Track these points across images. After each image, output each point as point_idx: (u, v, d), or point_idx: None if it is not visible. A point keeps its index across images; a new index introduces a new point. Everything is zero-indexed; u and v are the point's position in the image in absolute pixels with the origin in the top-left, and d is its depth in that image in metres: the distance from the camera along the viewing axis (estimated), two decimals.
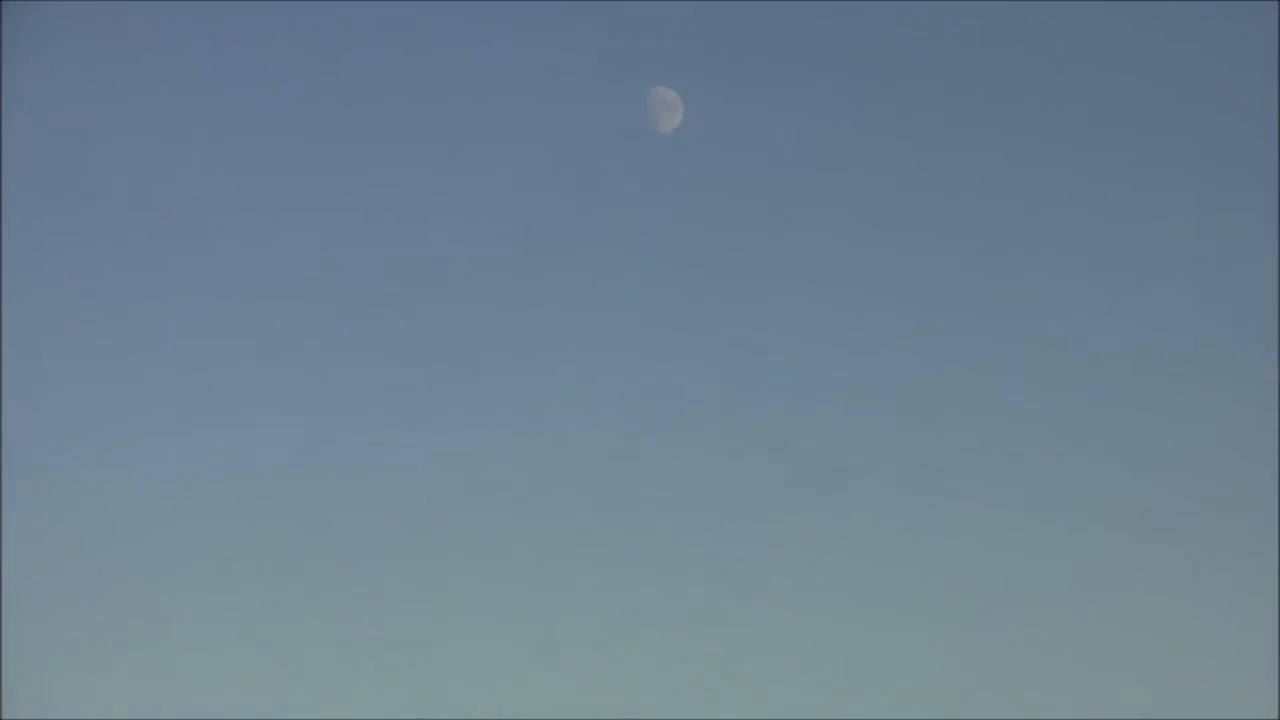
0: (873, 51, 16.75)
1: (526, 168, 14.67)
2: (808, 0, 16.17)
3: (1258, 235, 14.34)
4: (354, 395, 13.96)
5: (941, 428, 14.72)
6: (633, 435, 13.97)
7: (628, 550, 12.89)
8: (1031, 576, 13.91)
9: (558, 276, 15.07)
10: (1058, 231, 16.23)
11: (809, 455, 14.84)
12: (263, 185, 16.68)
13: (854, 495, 14.69)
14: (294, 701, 11.84)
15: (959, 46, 17.86)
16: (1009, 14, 15.57)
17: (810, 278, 15.60)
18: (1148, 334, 15.78)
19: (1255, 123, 14.46)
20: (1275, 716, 10.48)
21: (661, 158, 14.85)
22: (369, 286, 14.40)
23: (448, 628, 12.17)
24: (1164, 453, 14.26)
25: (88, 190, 14.61)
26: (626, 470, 13.50)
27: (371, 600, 12.59)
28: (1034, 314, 16.01)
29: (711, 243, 15.32)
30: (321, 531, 12.85)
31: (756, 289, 15.36)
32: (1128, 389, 14.85)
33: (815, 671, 12.30)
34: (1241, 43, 14.56)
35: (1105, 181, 17.07)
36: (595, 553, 12.49)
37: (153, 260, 14.41)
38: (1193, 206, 16.93)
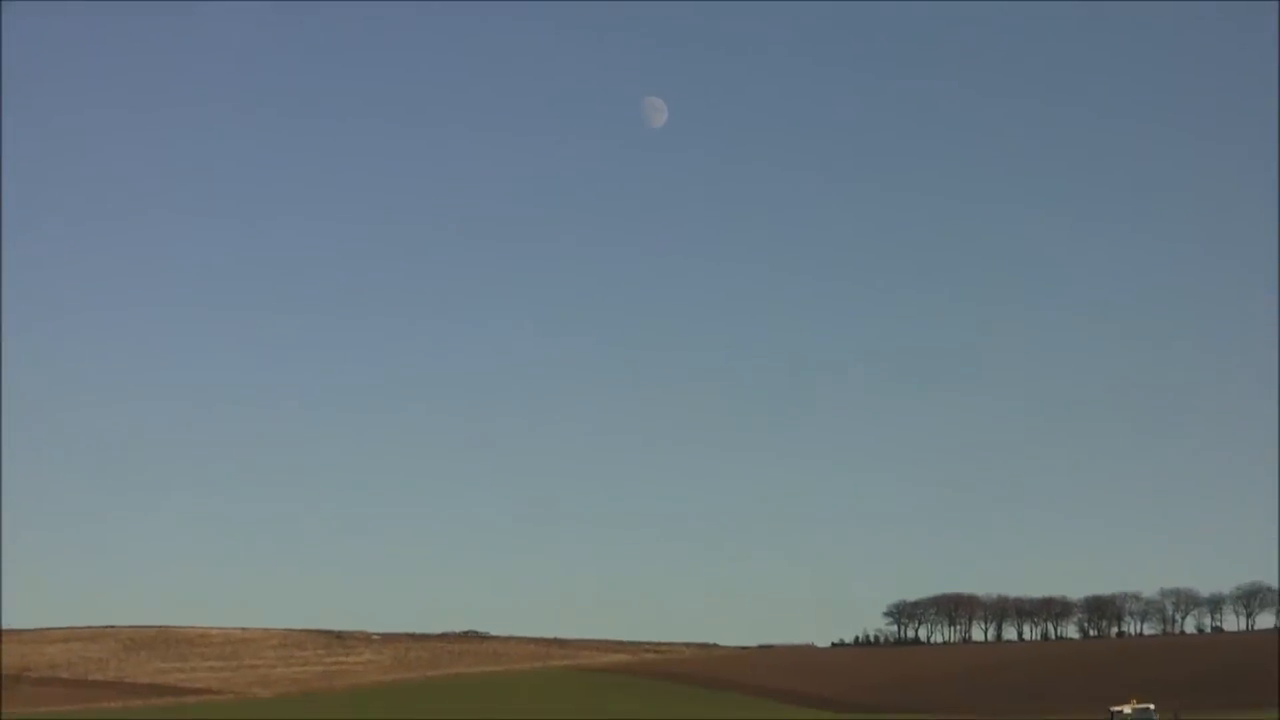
0: (872, 50, 17.25)
1: (544, 152, 16.48)
2: (763, 1, 17.74)
3: (1258, 231, 14.38)
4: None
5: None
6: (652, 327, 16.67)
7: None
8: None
9: (585, 224, 17.58)
10: (1043, 216, 16.59)
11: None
12: (268, 182, 16.93)
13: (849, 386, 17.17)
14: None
15: (963, 47, 17.96)
16: (1008, 13, 15.74)
17: (782, 226, 17.83)
18: (1149, 301, 16.35)
19: (1255, 121, 14.42)
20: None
21: (652, 147, 17.16)
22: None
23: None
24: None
25: (86, 186, 14.63)
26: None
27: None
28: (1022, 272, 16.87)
29: (692, 200, 17.72)
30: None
31: (724, 234, 17.77)
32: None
33: None
34: (1241, 43, 14.51)
35: (1105, 176, 17.21)
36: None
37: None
38: (1193, 205, 17.03)
